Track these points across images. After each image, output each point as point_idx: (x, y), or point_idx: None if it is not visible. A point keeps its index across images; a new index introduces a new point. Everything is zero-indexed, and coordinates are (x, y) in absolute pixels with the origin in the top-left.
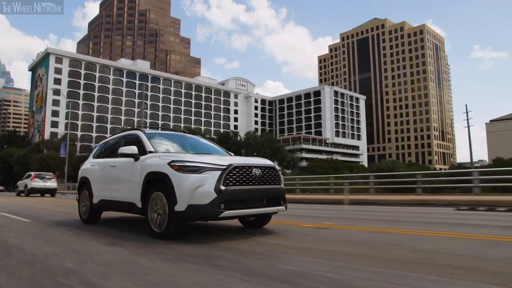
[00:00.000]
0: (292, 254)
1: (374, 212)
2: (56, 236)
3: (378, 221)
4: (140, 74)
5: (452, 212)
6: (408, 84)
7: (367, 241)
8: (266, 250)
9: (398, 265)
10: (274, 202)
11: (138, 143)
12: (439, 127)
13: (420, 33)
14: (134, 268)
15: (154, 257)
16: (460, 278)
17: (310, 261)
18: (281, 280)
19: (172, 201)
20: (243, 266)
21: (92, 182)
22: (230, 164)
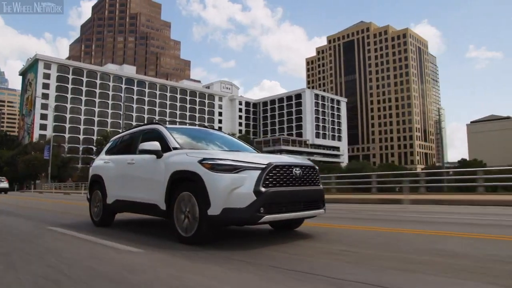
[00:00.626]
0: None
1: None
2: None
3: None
4: (127, 79)
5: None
6: (391, 86)
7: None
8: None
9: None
10: (314, 205)
11: (159, 138)
12: (421, 128)
13: (403, 36)
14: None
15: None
16: None
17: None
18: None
19: (204, 203)
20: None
21: (106, 180)
22: (269, 163)
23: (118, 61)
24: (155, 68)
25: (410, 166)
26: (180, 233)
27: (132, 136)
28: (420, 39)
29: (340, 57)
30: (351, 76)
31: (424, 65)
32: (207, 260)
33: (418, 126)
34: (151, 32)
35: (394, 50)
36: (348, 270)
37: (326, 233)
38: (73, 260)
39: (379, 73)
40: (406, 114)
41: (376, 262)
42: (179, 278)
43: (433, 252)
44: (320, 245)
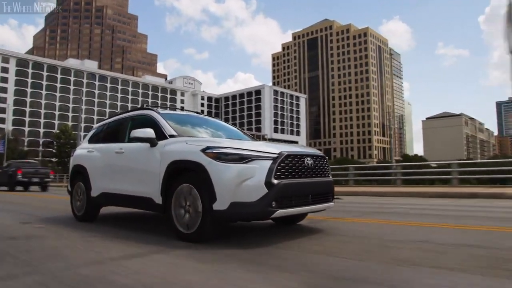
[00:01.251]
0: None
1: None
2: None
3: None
4: (88, 73)
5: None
6: (352, 83)
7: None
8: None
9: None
10: (325, 198)
11: (152, 125)
12: (380, 124)
13: (364, 35)
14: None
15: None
16: None
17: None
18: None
19: (209, 197)
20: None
21: (91, 171)
22: (281, 152)
23: (83, 54)
24: (121, 61)
25: (368, 160)
26: (180, 229)
27: (119, 123)
28: (380, 38)
29: (304, 53)
30: (315, 72)
31: (384, 63)
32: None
33: (376, 121)
34: (117, 25)
35: (355, 48)
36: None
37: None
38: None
39: (341, 70)
40: (366, 110)
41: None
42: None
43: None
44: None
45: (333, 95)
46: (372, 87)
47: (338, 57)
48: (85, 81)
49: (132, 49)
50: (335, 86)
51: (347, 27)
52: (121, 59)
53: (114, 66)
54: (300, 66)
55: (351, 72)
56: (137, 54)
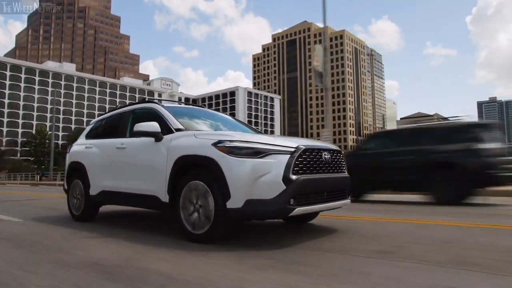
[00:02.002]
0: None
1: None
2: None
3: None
4: (66, 76)
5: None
6: (328, 84)
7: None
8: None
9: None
10: (341, 195)
11: (156, 119)
12: (355, 123)
13: (340, 37)
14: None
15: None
16: None
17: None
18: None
19: (222, 195)
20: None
21: (89, 168)
22: (298, 146)
23: (66, 54)
24: (104, 61)
25: None
26: (189, 229)
27: (119, 117)
28: (357, 40)
29: (284, 54)
30: (293, 73)
31: (360, 64)
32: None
33: (352, 121)
34: (100, 26)
35: (332, 49)
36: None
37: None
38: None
39: None
40: (341, 110)
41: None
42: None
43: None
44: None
45: (310, 96)
46: (348, 87)
47: None
48: (63, 83)
49: (114, 49)
50: (312, 86)
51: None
52: (104, 59)
53: (96, 67)
54: (279, 67)
55: (328, 73)
56: (119, 55)
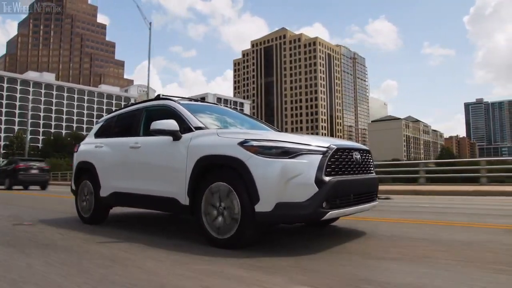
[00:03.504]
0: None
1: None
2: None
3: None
4: (46, 85)
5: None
6: (302, 88)
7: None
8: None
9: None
10: (371, 197)
11: (173, 116)
12: (328, 126)
13: (314, 44)
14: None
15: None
16: None
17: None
18: None
19: (250, 197)
20: None
21: (99, 169)
22: (330, 145)
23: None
24: (89, 67)
25: None
26: (212, 234)
27: (131, 115)
28: (330, 46)
29: (261, 60)
30: (270, 78)
31: (334, 69)
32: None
33: (324, 124)
34: (86, 33)
35: (306, 56)
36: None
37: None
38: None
39: (293, 76)
40: (314, 113)
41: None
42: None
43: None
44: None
45: (285, 100)
46: (320, 92)
47: (290, 64)
48: (43, 91)
49: (100, 56)
50: (287, 91)
51: (298, 36)
52: (89, 65)
53: (82, 72)
54: (257, 72)
55: (302, 78)
56: (104, 61)
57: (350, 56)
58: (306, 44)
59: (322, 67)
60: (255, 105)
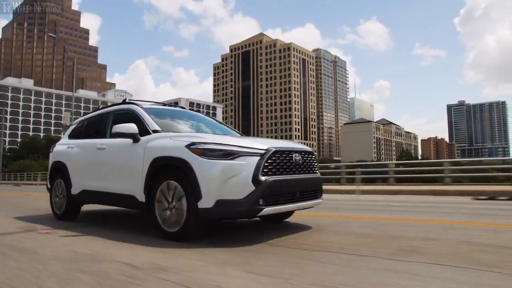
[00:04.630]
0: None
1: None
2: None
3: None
4: (24, 90)
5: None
6: (277, 92)
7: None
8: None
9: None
10: (313, 195)
11: (135, 120)
12: (302, 128)
13: (288, 49)
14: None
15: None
16: None
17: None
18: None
19: (194, 195)
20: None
21: (71, 168)
22: (269, 148)
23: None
24: (72, 71)
25: None
26: (164, 228)
27: (100, 118)
28: (305, 52)
29: (239, 64)
30: (247, 82)
31: (309, 74)
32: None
33: (298, 126)
34: (69, 38)
35: (281, 61)
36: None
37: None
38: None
39: (268, 80)
40: (288, 116)
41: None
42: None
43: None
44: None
45: (261, 103)
46: (294, 96)
47: (266, 69)
48: (22, 96)
49: (82, 60)
50: (263, 94)
51: (274, 42)
52: (72, 69)
53: (65, 76)
54: (235, 76)
55: (277, 82)
56: (87, 65)
57: (331, 59)
58: (281, 50)
59: (296, 71)
60: (233, 108)
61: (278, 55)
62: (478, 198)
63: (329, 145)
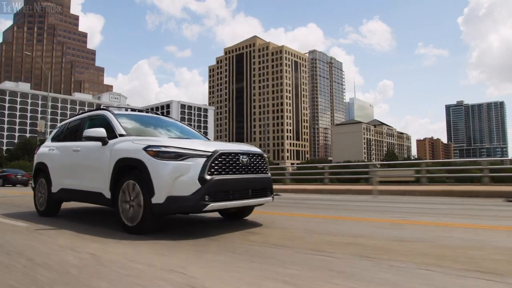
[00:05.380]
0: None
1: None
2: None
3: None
4: (21, 93)
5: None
6: (269, 94)
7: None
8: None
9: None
10: (261, 193)
11: (106, 125)
12: (294, 129)
13: (280, 52)
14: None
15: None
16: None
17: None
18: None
19: (148, 192)
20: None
21: (51, 168)
22: (215, 150)
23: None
24: (70, 74)
25: (280, 161)
26: (125, 222)
27: (79, 122)
28: (298, 54)
29: (233, 67)
30: (240, 84)
31: (301, 76)
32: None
33: (289, 128)
34: (67, 42)
35: (273, 63)
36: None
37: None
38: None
39: (261, 82)
40: (279, 117)
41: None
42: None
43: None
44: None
45: (254, 104)
46: (286, 97)
47: (259, 71)
48: (19, 99)
49: (80, 63)
50: (256, 96)
51: (266, 45)
52: (70, 72)
53: (63, 80)
54: (230, 78)
55: (269, 84)
56: (85, 68)
57: (327, 61)
58: (274, 52)
59: (288, 73)
60: (228, 109)
61: (271, 58)
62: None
63: (325, 146)
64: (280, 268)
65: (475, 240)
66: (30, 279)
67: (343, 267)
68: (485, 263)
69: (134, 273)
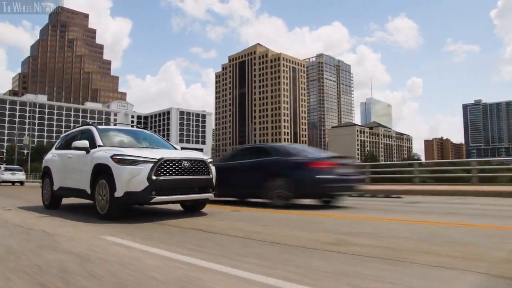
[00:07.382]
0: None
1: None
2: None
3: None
4: (40, 104)
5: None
6: (268, 99)
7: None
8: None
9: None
10: (202, 190)
11: (90, 137)
12: (291, 132)
13: (278, 59)
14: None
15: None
16: None
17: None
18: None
19: (112, 188)
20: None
21: (53, 171)
22: (161, 157)
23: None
24: (88, 83)
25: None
26: (99, 211)
27: (74, 135)
28: (295, 60)
29: (236, 73)
30: (242, 90)
31: (299, 81)
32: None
33: (287, 130)
34: (86, 54)
35: (272, 70)
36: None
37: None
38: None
39: (261, 88)
40: (277, 121)
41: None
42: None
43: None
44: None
45: (255, 109)
46: (284, 102)
47: (259, 77)
48: (38, 109)
49: (97, 73)
50: (256, 101)
51: (266, 52)
52: (88, 81)
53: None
54: (233, 84)
55: (268, 90)
56: (101, 78)
57: (334, 64)
58: (272, 60)
59: (286, 79)
60: (231, 113)
61: (270, 65)
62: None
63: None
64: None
65: None
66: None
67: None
68: None
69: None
